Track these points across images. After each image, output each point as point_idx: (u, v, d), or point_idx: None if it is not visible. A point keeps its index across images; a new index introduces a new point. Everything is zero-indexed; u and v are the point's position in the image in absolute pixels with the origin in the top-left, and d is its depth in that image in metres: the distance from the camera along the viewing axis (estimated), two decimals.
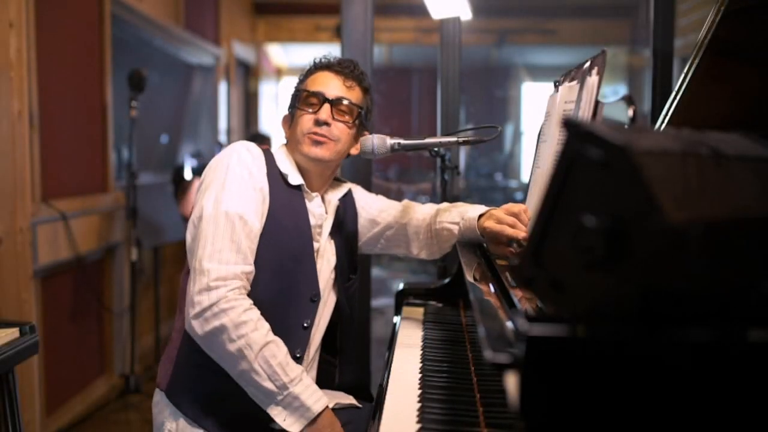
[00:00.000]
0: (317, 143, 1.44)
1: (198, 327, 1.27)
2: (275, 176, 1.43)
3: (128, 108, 3.23)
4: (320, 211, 1.50)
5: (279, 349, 1.28)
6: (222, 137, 5.26)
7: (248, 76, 6.51)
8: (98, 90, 3.20)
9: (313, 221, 1.48)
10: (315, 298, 1.47)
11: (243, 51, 5.93)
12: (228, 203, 1.32)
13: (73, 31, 2.98)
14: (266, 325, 1.29)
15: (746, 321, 0.61)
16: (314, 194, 1.49)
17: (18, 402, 1.66)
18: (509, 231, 1.36)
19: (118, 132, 3.40)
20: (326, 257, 1.54)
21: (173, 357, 1.44)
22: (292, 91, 1.55)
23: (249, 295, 1.32)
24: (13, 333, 1.61)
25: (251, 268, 1.33)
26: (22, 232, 2.45)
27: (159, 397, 1.44)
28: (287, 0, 6.52)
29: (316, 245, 1.50)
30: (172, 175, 4.08)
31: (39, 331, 2.09)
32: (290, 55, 7.59)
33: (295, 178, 1.46)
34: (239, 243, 1.31)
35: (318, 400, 1.28)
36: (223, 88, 5.31)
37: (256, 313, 1.29)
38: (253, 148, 1.42)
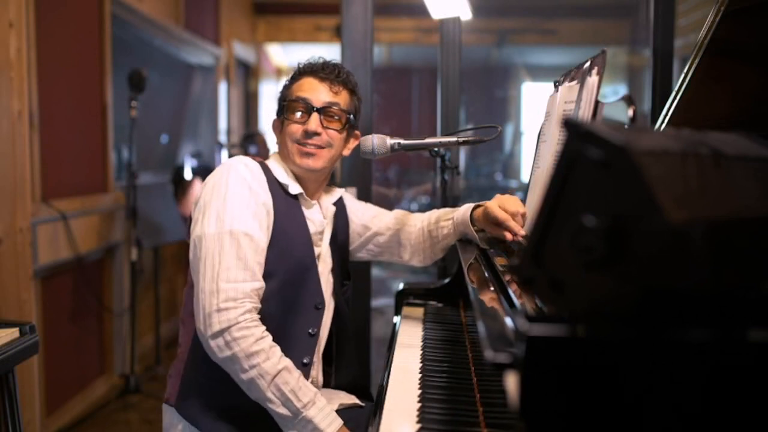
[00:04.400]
0: (307, 155, 1.43)
1: (213, 351, 1.28)
2: (275, 188, 1.42)
3: (128, 108, 3.23)
4: (319, 218, 1.50)
5: (291, 375, 1.29)
6: (222, 137, 5.26)
7: (248, 76, 6.51)
8: (98, 90, 3.20)
9: (312, 229, 1.48)
10: (320, 306, 1.47)
11: (243, 51, 5.93)
12: (231, 221, 1.31)
13: (73, 31, 2.98)
14: (278, 352, 1.29)
15: (746, 321, 0.61)
16: (312, 201, 1.49)
17: (18, 402, 1.65)
18: (502, 215, 1.36)
19: (118, 132, 3.40)
20: (326, 262, 1.54)
21: (180, 371, 1.43)
22: (278, 95, 1.53)
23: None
24: (13, 333, 1.61)
25: (260, 284, 1.32)
26: (22, 232, 2.45)
27: (170, 414, 1.44)
28: (287, 0, 6.52)
29: (317, 250, 1.50)
30: (172, 175, 4.09)
31: (39, 331, 2.10)
32: (290, 55, 7.59)
33: (294, 188, 1.45)
34: (246, 260, 1.30)
35: (332, 422, 1.29)
36: (223, 88, 5.31)
37: (267, 340, 1.29)
38: (250, 163, 1.39)
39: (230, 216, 1.31)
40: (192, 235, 1.36)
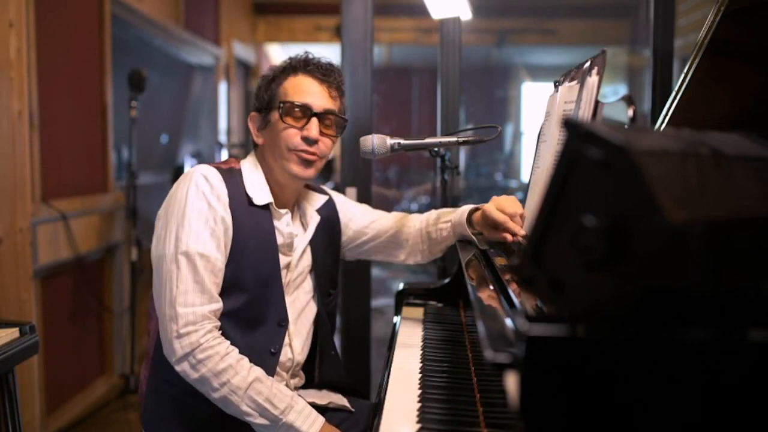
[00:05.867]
0: (307, 163, 1.38)
1: (182, 374, 1.27)
2: (239, 200, 1.35)
3: (128, 108, 3.23)
4: (289, 229, 1.44)
5: (263, 384, 1.27)
6: (222, 137, 5.26)
7: (248, 76, 6.51)
8: (98, 90, 3.20)
9: (281, 240, 1.42)
10: (282, 323, 1.41)
11: (243, 51, 5.93)
12: (187, 242, 1.27)
13: (73, 31, 2.98)
14: (246, 365, 1.28)
15: (746, 321, 0.61)
16: (283, 211, 1.43)
17: (18, 402, 1.65)
18: (501, 217, 1.34)
19: (118, 132, 3.40)
20: (299, 270, 1.49)
21: (143, 384, 1.42)
22: (261, 86, 1.44)
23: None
24: (13, 333, 1.61)
25: (218, 305, 1.30)
26: (22, 232, 2.45)
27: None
28: (287, 0, 6.52)
29: (287, 260, 1.44)
30: (172, 175, 4.09)
31: (39, 331, 2.10)
32: (290, 55, 7.57)
33: (261, 198, 1.38)
34: (203, 283, 1.27)
35: (313, 422, 1.28)
36: (223, 88, 5.32)
37: (233, 355, 1.27)
38: (211, 175, 1.33)
39: (187, 235, 1.28)
40: (153, 252, 1.33)
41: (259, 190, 1.39)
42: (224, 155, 4.71)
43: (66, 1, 2.92)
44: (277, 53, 7.49)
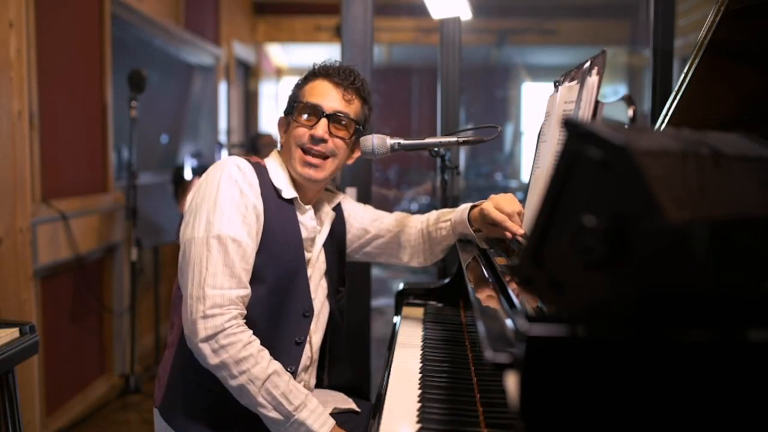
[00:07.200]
0: (310, 165, 1.41)
1: (201, 357, 1.27)
2: (268, 191, 1.40)
3: (128, 108, 3.23)
4: (312, 224, 1.48)
5: (281, 378, 1.28)
6: (222, 137, 5.26)
7: (248, 76, 6.52)
8: (98, 90, 3.20)
9: (305, 234, 1.45)
10: (307, 314, 1.44)
11: (243, 51, 5.93)
12: (219, 226, 1.29)
13: (73, 31, 2.99)
14: (266, 356, 1.29)
15: (746, 321, 0.61)
16: (307, 207, 1.47)
17: (18, 402, 1.65)
18: (500, 216, 1.37)
19: (118, 132, 3.40)
20: (318, 266, 1.52)
21: (167, 374, 1.43)
22: (289, 92, 1.52)
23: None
24: (13, 333, 1.61)
25: (247, 291, 1.31)
26: (22, 232, 2.45)
27: (156, 416, 1.43)
28: (287, 0, 6.52)
29: (308, 256, 1.48)
30: (172, 175, 4.08)
31: (39, 331, 2.10)
32: (290, 55, 7.59)
33: (288, 192, 1.43)
34: (232, 267, 1.28)
35: (324, 423, 1.29)
36: (223, 88, 5.31)
37: (255, 345, 1.28)
38: (243, 165, 1.37)
39: (219, 220, 1.29)
40: (182, 237, 1.34)
41: (285, 185, 1.43)
42: (224, 155, 4.71)
43: (66, 1, 2.92)
44: (277, 53, 7.49)
